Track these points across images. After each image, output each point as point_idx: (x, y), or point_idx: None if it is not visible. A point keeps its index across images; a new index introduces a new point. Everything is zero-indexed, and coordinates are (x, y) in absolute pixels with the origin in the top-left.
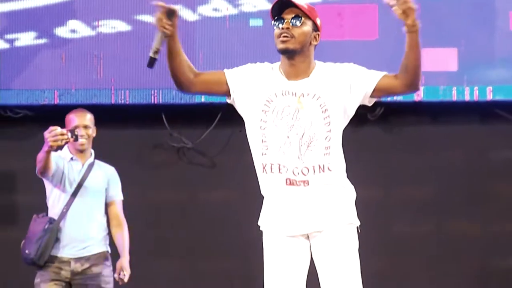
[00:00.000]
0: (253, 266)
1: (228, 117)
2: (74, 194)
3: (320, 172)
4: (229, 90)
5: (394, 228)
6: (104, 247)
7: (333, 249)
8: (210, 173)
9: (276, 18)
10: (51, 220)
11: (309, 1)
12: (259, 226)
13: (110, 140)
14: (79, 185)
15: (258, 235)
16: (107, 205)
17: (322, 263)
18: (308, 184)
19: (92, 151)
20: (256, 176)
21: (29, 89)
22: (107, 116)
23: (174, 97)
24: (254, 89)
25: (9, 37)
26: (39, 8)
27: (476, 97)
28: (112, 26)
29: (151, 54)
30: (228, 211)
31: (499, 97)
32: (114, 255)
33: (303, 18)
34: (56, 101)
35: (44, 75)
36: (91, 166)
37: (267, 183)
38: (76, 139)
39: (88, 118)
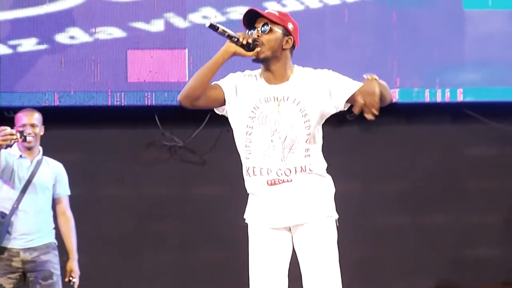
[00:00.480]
0: (241, 256)
1: (216, 118)
2: (24, 190)
3: (301, 172)
4: (225, 103)
5: (372, 220)
6: (52, 239)
7: (313, 241)
8: (200, 170)
9: (248, 28)
10: (3, 215)
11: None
12: (245, 219)
13: (106, 139)
14: (28, 182)
15: (245, 227)
16: (54, 201)
17: (303, 253)
18: (290, 181)
19: (40, 148)
20: (242, 172)
21: (31, 92)
22: (104, 116)
23: (166, 99)
24: (243, 97)
25: (12, 43)
26: (40, 16)
27: (447, 98)
28: (109, 32)
29: (222, 27)
30: (217, 205)
31: (468, 99)
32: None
33: (270, 25)
34: (56, 103)
35: (45, 78)
36: (39, 163)
37: (251, 183)
38: (24, 140)
39: (35, 117)
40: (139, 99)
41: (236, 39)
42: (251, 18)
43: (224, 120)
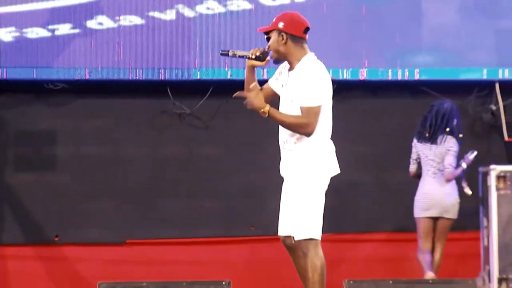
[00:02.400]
0: (237, 205)
1: (218, 90)
2: None
3: (289, 144)
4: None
5: (344, 176)
6: None
7: (288, 192)
8: (204, 133)
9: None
10: None
11: None
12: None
13: (127, 108)
14: None
15: (240, 181)
16: None
17: (282, 200)
18: (284, 149)
19: None
20: (239, 135)
21: (66, 67)
22: (125, 89)
23: (177, 74)
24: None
25: (51, 27)
26: (74, 6)
27: (406, 77)
28: (130, 20)
29: (232, 51)
30: (217, 163)
31: (424, 77)
32: None
33: (269, 33)
34: (87, 77)
35: (77, 57)
36: None
37: None
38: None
39: None
40: (154, 74)
41: (247, 57)
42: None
43: (224, 92)
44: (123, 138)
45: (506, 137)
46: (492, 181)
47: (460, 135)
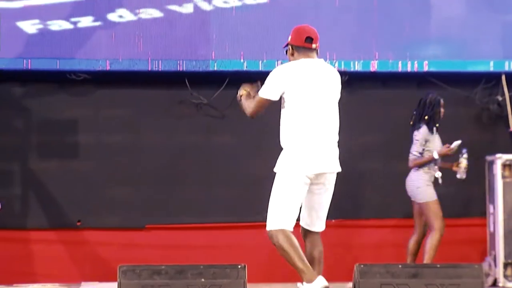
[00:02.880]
0: (252, 191)
1: (234, 81)
2: None
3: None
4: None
5: (356, 164)
6: None
7: None
8: (220, 122)
9: None
10: None
11: None
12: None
13: (146, 98)
14: None
15: (255, 169)
16: None
17: None
18: None
19: None
20: (254, 124)
21: (88, 59)
22: (145, 79)
23: (194, 66)
24: None
25: (73, 20)
26: None
27: (415, 68)
28: (149, 13)
29: (238, 96)
30: (233, 151)
31: (433, 69)
32: None
33: (286, 49)
34: (108, 68)
35: (98, 48)
36: None
37: None
38: None
39: None
40: (172, 65)
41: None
42: None
43: (240, 82)
44: (143, 126)
45: (511, 127)
46: (498, 169)
47: (436, 125)
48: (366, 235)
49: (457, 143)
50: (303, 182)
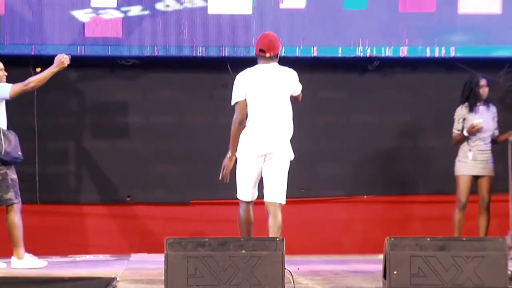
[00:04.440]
0: (289, 169)
1: None
2: None
3: None
4: None
5: (387, 143)
6: None
7: None
8: None
9: None
10: None
11: None
12: None
13: (191, 82)
14: None
15: (293, 147)
16: None
17: None
18: None
19: None
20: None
21: (137, 45)
22: (190, 64)
23: (236, 52)
24: None
25: (123, 9)
26: None
27: (443, 54)
28: (194, 2)
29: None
30: None
31: (459, 54)
32: None
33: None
34: (155, 54)
35: (147, 35)
36: None
37: None
38: None
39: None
40: (216, 51)
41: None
42: None
43: None
44: (188, 108)
45: None
46: None
47: (477, 104)
48: (397, 210)
49: (478, 121)
50: (252, 161)
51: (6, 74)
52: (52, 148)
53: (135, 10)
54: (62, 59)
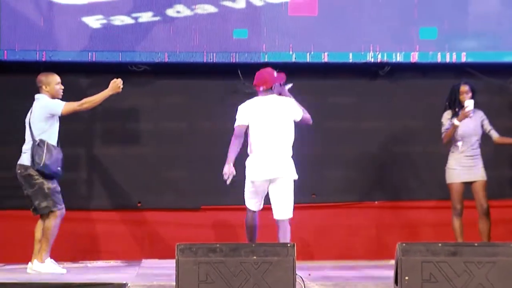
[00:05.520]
0: (300, 174)
1: (284, 72)
2: None
3: None
4: None
5: (398, 148)
6: None
7: None
8: None
9: None
10: None
11: None
12: None
13: (201, 87)
14: None
15: (303, 153)
16: None
17: None
18: None
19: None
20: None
21: (147, 51)
22: (200, 70)
23: (246, 58)
24: None
25: (134, 15)
26: None
27: (454, 59)
28: (205, 8)
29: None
30: None
31: (470, 60)
32: None
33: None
34: (166, 60)
35: (157, 41)
36: None
37: None
38: None
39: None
40: (226, 57)
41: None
42: None
43: (289, 73)
44: (198, 114)
45: None
46: None
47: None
48: (408, 216)
49: (469, 101)
50: (259, 184)
51: (62, 87)
52: (63, 154)
53: (146, 17)
54: (119, 84)
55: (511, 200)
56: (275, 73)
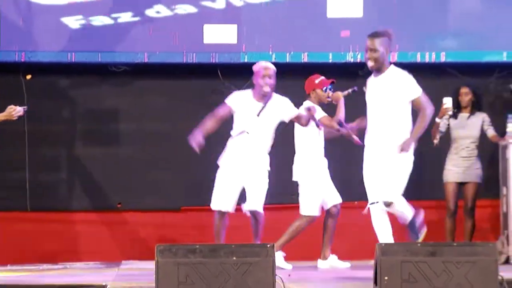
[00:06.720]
0: (280, 175)
1: None
2: None
3: None
4: None
5: None
6: None
7: None
8: None
9: None
10: None
11: None
12: None
13: (182, 88)
14: None
15: (284, 154)
16: None
17: None
18: None
19: None
20: None
21: (127, 51)
22: (181, 70)
23: (226, 58)
24: None
25: (113, 16)
26: None
27: (433, 59)
28: (184, 9)
29: None
30: None
31: (449, 60)
32: None
33: None
34: (146, 60)
35: (137, 42)
36: None
37: None
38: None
39: None
40: (206, 57)
41: None
42: None
43: None
44: (178, 115)
45: None
46: (510, 154)
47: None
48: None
49: (447, 99)
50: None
51: None
52: (42, 155)
53: (126, 17)
54: (13, 112)
55: (491, 200)
56: (316, 80)
